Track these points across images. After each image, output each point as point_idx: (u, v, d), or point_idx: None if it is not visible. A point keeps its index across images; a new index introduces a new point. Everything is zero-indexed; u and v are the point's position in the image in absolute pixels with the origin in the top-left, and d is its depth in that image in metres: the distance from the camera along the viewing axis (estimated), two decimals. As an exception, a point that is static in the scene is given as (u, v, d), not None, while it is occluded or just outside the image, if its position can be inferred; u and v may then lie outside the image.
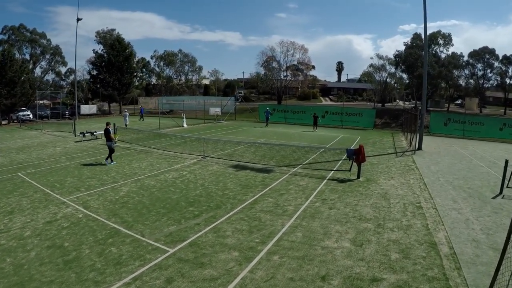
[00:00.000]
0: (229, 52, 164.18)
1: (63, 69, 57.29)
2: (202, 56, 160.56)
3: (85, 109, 48.15)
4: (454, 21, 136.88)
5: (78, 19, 43.72)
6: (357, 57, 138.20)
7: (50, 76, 58.99)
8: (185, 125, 31.37)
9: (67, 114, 45.08)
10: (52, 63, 55.86)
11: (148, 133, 23.54)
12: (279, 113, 35.79)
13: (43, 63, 55.24)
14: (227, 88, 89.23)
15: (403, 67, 45.57)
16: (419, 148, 19.00)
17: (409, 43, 45.35)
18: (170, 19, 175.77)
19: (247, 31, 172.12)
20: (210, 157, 15.79)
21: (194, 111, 39.80)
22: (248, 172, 12.81)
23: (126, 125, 30.02)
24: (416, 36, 45.91)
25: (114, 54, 48.42)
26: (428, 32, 49.08)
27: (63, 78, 59.34)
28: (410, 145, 19.95)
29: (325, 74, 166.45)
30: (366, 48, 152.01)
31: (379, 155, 17.01)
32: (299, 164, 14.25)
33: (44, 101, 60.84)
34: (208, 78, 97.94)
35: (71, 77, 57.83)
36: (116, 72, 49.36)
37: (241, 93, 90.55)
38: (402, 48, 47.74)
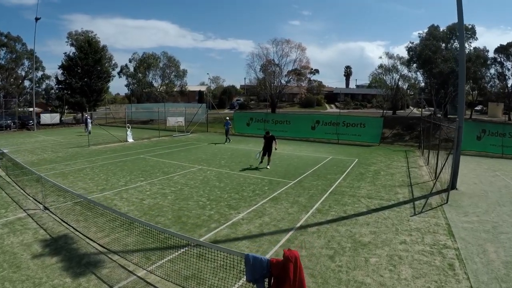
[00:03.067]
0: (242, 60, 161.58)
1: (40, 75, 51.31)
2: (215, 65, 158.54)
3: (46, 118, 41.73)
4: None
5: (37, 19, 38.07)
6: (369, 64, 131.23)
7: (27, 83, 53.43)
8: (130, 140, 23.95)
9: (30, 124, 39.57)
10: (30, 70, 49.99)
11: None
12: (258, 123, 27.99)
13: (18, 70, 49.40)
14: (223, 95, 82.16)
15: (417, 63, 37.12)
16: (453, 186, 10.88)
17: (424, 36, 37.04)
18: (183, 27, 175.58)
19: (260, 39, 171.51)
20: (49, 211, 8.25)
21: (164, 120, 32.54)
22: (42, 263, 5.11)
23: (89, 132, 27.36)
24: (433, 28, 37.58)
25: (82, 57, 41.88)
26: (447, 24, 40.87)
27: (37, 85, 52.80)
28: (436, 177, 11.86)
29: (337, 81, 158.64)
30: (378, 55, 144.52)
31: (381, 209, 8.95)
32: (160, 260, 6.37)
33: (36, 108, 56.27)
34: (206, 85, 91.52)
35: (45, 83, 51.66)
36: (84, 76, 42.80)
37: (239, 100, 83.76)
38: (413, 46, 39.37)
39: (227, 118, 24.14)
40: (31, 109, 56.25)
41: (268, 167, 13.92)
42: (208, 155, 17.59)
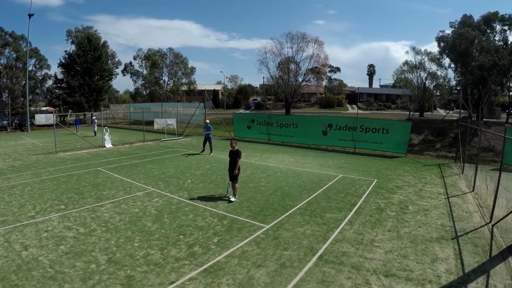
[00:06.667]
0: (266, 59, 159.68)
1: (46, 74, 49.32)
2: (239, 64, 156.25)
3: (41, 118, 39.28)
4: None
5: (30, 15, 35.88)
6: (394, 65, 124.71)
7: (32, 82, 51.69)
8: (107, 145, 20.54)
9: (26, 124, 37.70)
10: (34, 68, 48.16)
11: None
12: (260, 126, 23.87)
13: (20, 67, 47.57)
14: (238, 94, 78.65)
15: (450, 56, 31.66)
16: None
17: (457, 25, 31.56)
18: (207, 27, 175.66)
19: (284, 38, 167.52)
20: None
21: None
22: None
23: (95, 133, 26.83)
24: (466, 17, 32.00)
25: (80, 54, 39.31)
26: (481, 13, 34.89)
27: (40, 84, 50.83)
28: (493, 222, 7.51)
29: (360, 81, 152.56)
30: (404, 55, 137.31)
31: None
32: None
33: (47, 107, 55.44)
34: (221, 84, 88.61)
35: (48, 83, 49.66)
36: (84, 75, 40.26)
37: (256, 100, 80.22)
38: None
39: (207, 121, 19.04)
40: (43, 108, 55.05)
41: (233, 199, 9.22)
42: (179, 169, 13.72)
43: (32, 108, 49.30)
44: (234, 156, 9.21)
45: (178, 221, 7.63)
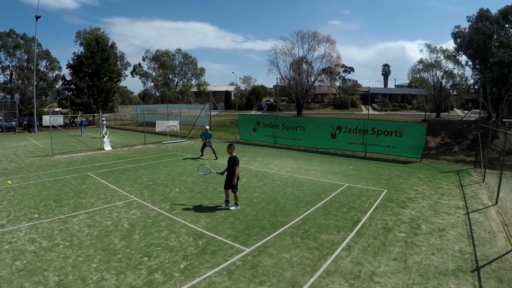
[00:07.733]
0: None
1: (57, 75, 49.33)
2: (255, 66, 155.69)
3: (48, 120, 39.30)
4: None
5: (37, 17, 35.87)
6: (410, 64, 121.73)
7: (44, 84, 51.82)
8: (106, 148, 19.92)
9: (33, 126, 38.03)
10: (45, 69, 48.35)
11: None
12: (266, 128, 22.77)
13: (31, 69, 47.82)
14: (251, 96, 77.82)
15: (467, 53, 29.72)
16: None
17: (474, 19, 29.63)
18: (222, 28, 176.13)
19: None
20: None
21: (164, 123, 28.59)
22: None
23: (105, 133, 24.32)
24: (483, 11, 30.06)
25: (88, 55, 39.17)
26: (499, 7, 32.84)
27: (51, 85, 50.73)
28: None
29: (375, 81, 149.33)
30: (420, 54, 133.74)
31: None
32: None
33: (60, 109, 55.91)
34: (234, 85, 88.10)
35: (58, 85, 49.69)
36: (91, 76, 40.08)
37: (268, 101, 79.31)
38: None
39: (207, 127, 17.46)
40: (56, 109, 55.40)
41: (232, 208, 8.63)
42: (170, 175, 12.81)
43: (45, 109, 49.66)
44: (232, 163, 8.42)
45: (149, 238, 6.66)
